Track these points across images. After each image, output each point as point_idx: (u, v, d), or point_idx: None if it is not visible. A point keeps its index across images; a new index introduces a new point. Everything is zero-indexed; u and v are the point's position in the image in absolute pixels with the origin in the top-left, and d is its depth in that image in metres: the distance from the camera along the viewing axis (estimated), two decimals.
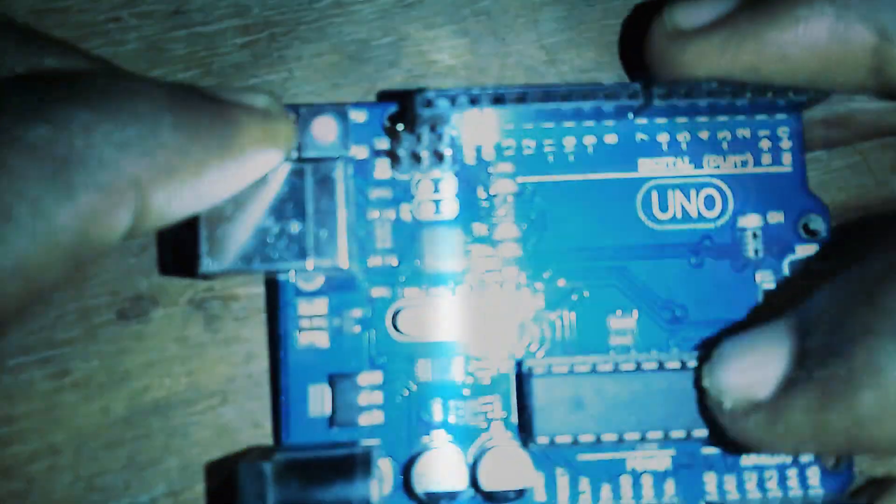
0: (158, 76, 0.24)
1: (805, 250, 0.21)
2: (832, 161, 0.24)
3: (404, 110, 0.20)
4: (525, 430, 0.19)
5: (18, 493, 0.20)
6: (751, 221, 0.21)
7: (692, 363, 0.19)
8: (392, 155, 0.20)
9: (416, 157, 0.20)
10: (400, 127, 0.20)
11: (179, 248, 0.22)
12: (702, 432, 0.18)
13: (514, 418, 0.20)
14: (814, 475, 0.20)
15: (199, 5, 0.25)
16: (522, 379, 0.19)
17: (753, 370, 0.17)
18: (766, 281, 0.21)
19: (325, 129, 0.19)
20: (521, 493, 0.18)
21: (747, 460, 0.20)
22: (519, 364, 0.20)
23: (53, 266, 0.14)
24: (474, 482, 0.19)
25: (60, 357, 0.21)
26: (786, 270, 0.21)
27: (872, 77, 0.19)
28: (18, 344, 0.21)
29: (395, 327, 0.20)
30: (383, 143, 0.21)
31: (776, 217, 0.21)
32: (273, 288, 0.20)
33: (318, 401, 0.19)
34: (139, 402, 0.21)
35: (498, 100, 0.19)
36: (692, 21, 0.20)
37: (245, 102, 0.18)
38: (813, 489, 0.19)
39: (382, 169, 0.21)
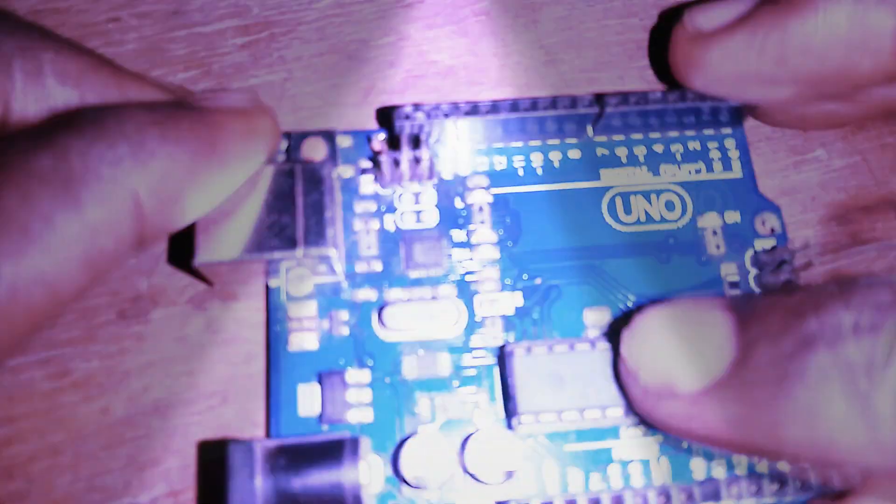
0: (158, 77, 0.24)
1: (763, 244, 0.22)
2: (832, 161, 0.24)
3: (388, 128, 0.22)
4: (510, 412, 0.19)
5: (18, 493, 0.20)
6: (710, 221, 0.22)
7: None
8: (375, 164, 0.22)
9: (398, 170, 0.22)
10: (382, 141, 0.21)
11: (178, 245, 0.22)
12: None
13: (500, 409, 0.20)
14: None
15: (198, 5, 0.25)
16: (504, 360, 0.20)
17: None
18: (730, 273, 0.22)
19: (313, 149, 0.21)
20: (508, 475, 0.19)
21: None
22: (501, 349, 0.20)
23: (70, 275, 0.15)
24: (461, 466, 0.19)
25: (60, 357, 0.21)
26: (748, 264, 0.22)
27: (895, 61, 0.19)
28: None
29: (381, 327, 0.21)
30: (368, 163, 0.22)
31: (733, 217, 0.22)
32: (268, 293, 0.21)
33: (308, 400, 0.20)
34: (139, 403, 0.20)
35: (470, 112, 0.21)
36: (714, 22, 0.21)
37: (224, 104, 0.19)
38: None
39: (367, 185, 0.22)
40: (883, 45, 0.19)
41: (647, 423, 0.18)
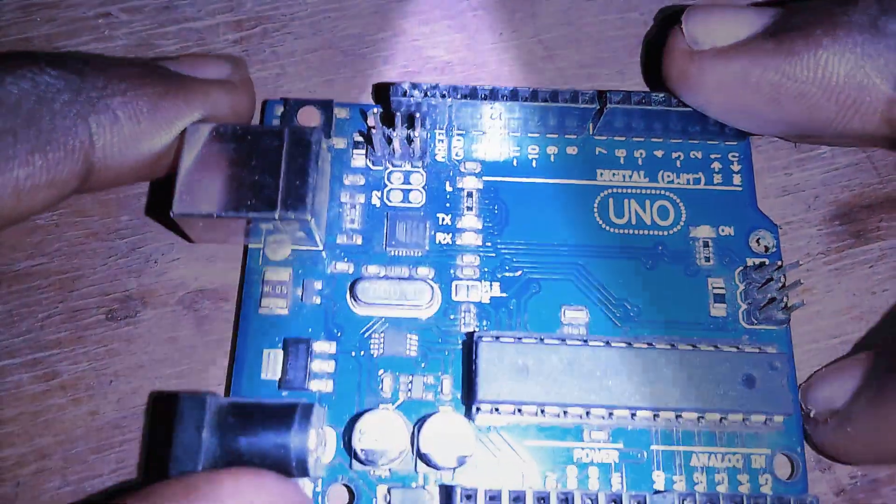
0: None
1: (755, 262, 0.21)
2: (836, 158, 0.23)
3: (384, 104, 0.21)
4: (469, 397, 0.19)
5: (6, 497, 0.19)
6: (702, 232, 0.22)
7: (639, 344, 0.19)
8: (368, 140, 0.22)
9: (390, 147, 0.21)
10: (376, 115, 0.21)
11: (160, 198, 0.22)
12: (645, 414, 0.19)
13: (462, 395, 0.20)
14: (766, 482, 0.19)
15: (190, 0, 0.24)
16: (470, 346, 0.19)
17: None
18: (717, 287, 0.21)
19: (308, 117, 0.21)
20: (461, 460, 0.18)
21: (697, 461, 0.20)
22: (469, 335, 0.20)
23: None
24: (415, 446, 0.19)
25: (48, 359, 0.20)
26: (737, 279, 0.21)
27: (886, 127, 0.19)
28: (6, 346, 0.20)
29: (353, 301, 0.20)
30: (361, 137, 0.22)
31: (727, 230, 0.22)
32: (246, 255, 0.21)
33: (272, 365, 0.20)
34: (128, 405, 0.20)
35: (467, 96, 0.21)
36: (712, 38, 0.20)
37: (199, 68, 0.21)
38: (761, 497, 0.18)
39: (358, 158, 0.22)
40: (874, 108, 0.19)
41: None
